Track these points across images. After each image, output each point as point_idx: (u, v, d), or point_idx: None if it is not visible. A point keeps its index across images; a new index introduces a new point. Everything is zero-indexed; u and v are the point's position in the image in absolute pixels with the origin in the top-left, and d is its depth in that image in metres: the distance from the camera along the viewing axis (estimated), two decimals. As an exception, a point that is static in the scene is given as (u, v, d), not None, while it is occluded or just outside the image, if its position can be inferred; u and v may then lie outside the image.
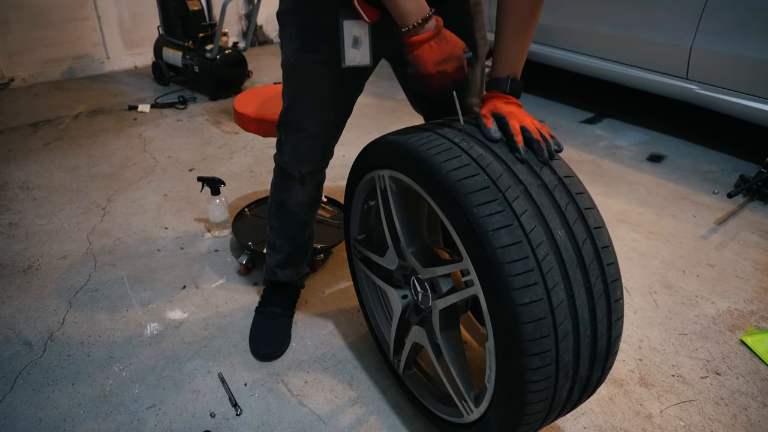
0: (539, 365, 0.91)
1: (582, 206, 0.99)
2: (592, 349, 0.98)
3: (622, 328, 1.02)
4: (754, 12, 2.43)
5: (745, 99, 2.57)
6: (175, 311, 1.77)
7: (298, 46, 1.26)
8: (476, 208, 0.91)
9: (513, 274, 0.88)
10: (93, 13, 4.01)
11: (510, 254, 0.89)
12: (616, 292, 0.98)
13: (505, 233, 0.90)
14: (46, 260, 2.00)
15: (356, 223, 1.47)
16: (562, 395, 0.99)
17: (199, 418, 1.40)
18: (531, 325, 0.89)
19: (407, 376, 1.41)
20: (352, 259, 1.56)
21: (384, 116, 3.40)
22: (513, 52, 1.11)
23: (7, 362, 1.56)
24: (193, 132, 3.14)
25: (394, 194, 1.22)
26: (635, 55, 2.97)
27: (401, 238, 1.22)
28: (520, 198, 0.94)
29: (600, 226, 1.00)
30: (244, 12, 4.88)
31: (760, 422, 1.42)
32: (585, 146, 3.04)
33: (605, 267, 0.97)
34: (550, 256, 0.91)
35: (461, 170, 0.96)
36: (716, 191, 2.56)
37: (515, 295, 0.88)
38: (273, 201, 1.56)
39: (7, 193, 2.45)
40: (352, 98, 1.38)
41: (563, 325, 0.92)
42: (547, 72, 3.88)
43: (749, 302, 1.85)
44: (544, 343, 0.90)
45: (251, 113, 1.84)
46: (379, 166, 1.23)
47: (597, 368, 1.01)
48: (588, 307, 0.95)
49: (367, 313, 1.57)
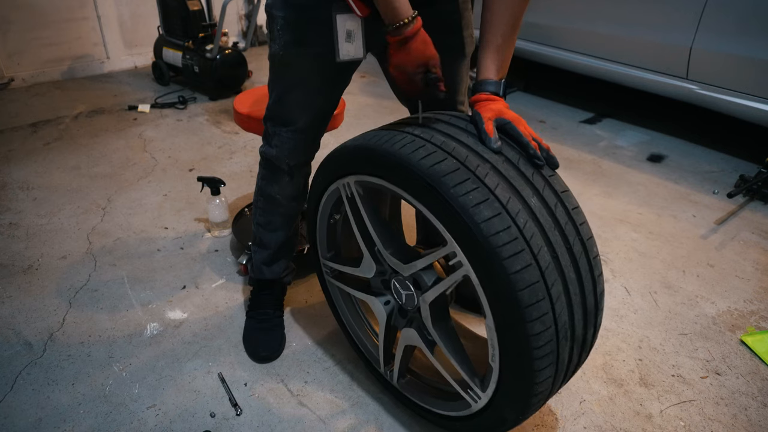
0: (540, 329, 0.93)
1: (546, 174, 1.04)
2: (584, 307, 1.02)
3: (603, 284, 1.07)
4: (754, 12, 2.43)
5: (745, 99, 2.57)
6: (175, 311, 1.77)
7: (288, 40, 1.27)
8: (453, 189, 0.95)
9: (500, 245, 0.91)
10: (93, 13, 4.01)
11: (493, 226, 0.92)
12: (593, 249, 1.04)
13: (484, 207, 0.93)
14: (46, 260, 2.00)
15: (323, 241, 1.46)
16: (564, 357, 1.01)
17: (199, 418, 1.40)
18: (526, 291, 0.92)
19: (403, 384, 1.39)
20: (324, 280, 1.54)
21: (384, 116, 3.40)
22: (504, 54, 1.12)
23: (7, 362, 1.56)
24: (193, 132, 3.14)
25: (362, 199, 1.23)
26: (635, 55, 2.97)
27: (377, 241, 1.23)
28: (490, 174, 0.98)
29: (566, 190, 1.05)
30: (244, 12, 4.88)
31: (760, 422, 1.42)
32: (585, 146, 3.04)
33: (579, 226, 1.02)
34: (530, 222, 0.95)
35: (429, 157, 1.00)
36: (716, 191, 2.56)
37: (506, 264, 0.91)
38: (261, 196, 1.56)
39: (7, 193, 2.45)
40: (339, 91, 1.39)
41: (554, 286, 0.95)
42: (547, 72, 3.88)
43: (749, 302, 1.85)
44: (541, 307, 0.93)
45: (251, 113, 1.83)
46: (342, 175, 1.24)
47: (590, 326, 1.05)
48: (572, 267, 0.99)
49: (349, 333, 1.54)
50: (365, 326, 1.52)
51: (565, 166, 2.80)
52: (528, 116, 3.47)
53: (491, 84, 1.12)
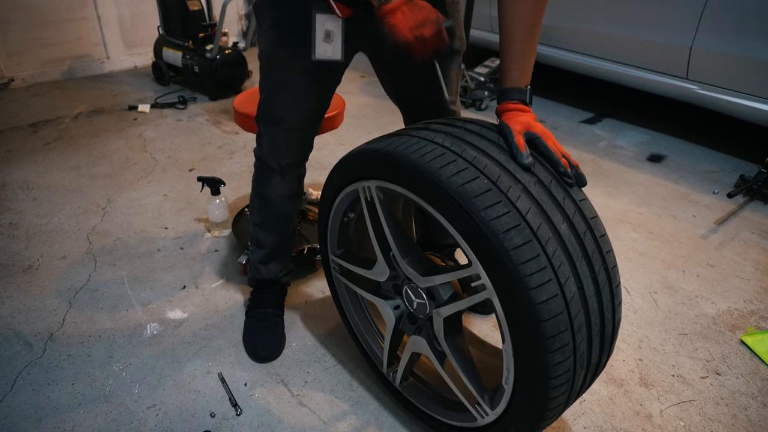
0: (560, 360, 0.92)
1: (577, 198, 1.01)
2: (602, 336, 1.00)
3: (621, 312, 1.05)
4: (754, 12, 2.43)
5: (745, 99, 2.57)
6: (175, 311, 1.77)
7: (275, 40, 1.27)
8: (483, 212, 0.91)
9: (528, 274, 0.88)
10: (93, 13, 4.01)
11: (523, 254, 0.89)
12: (616, 277, 1.01)
13: (515, 234, 0.90)
14: (46, 260, 2.00)
15: (334, 238, 1.43)
16: (578, 384, 1.00)
17: (199, 418, 1.40)
18: (550, 322, 0.89)
19: (405, 387, 1.38)
20: (331, 276, 1.52)
21: (384, 116, 3.40)
22: (526, 58, 1.08)
23: (7, 362, 1.56)
24: (193, 132, 3.14)
25: (382, 204, 1.19)
26: (635, 55, 2.97)
27: (394, 248, 1.20)
28: (522, 197, 0.94)
29: (595, 216, 1.02)
30: (244, 12, 4.88)
31: (760, 422, 1.42)
32: (585, 146, 3.04)
33: (605, 255, 0.99)
34: (559, 251, 0.92)
35: (460, 175, 0.95)
36: (716, 191, 2.56)
37: (533, 294, 0.88)
38: (255, 195, 1.56)
39: (7, 193, 2.45)
40: (329, 91, 1.39)
41: (578, 317, 0.93)
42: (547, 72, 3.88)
43: (749, 302, 1.85)
44: (563, 338, 0.91)
45: (251, 113, 1.83)
46: (363, 177, 1.20)
47: (605, 353, 1.04)
48: (596, 297, 0.97)
49: (353, 330, 1.53)
50: (371, 326, 1.52)
51: (565, 166, 2.80)
52: (528, 116, 3.46)
53: (517, 92, 1.08)
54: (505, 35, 1.08)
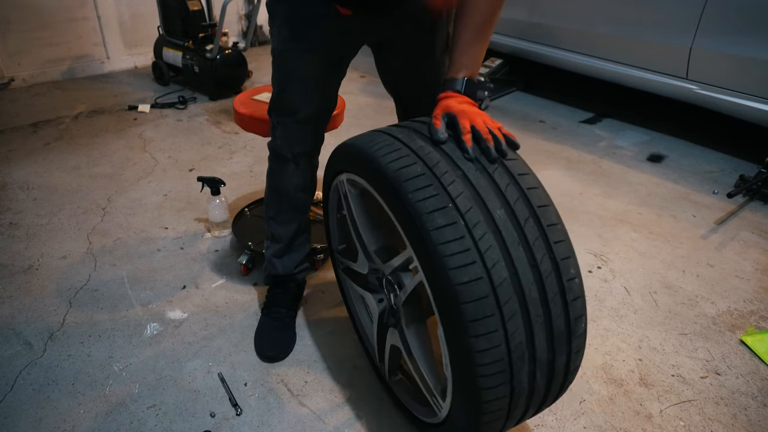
0: (486, 346, 0.90)
1: (524, 186, 1.00)
2: (548, 330, 0.96)
3: (584, 308, 0.99)
4: (754, 12, 2.43)
5: (745, 99, 2.57)
6: (175, 311, 1.77)
7: (286, 35, 1.33)
8: (411, 194, 0.95)
9: (448, 254, 0.90)
10: (93, 13, 4.01)
11: (444, 235, 0.91)
12: (568, 270, 0.97)
13: (439, 215, 0.92)
14: (46, 260, 2.00)
15: (335, 233, 1.50)
16: (522, 380, 0.96)
17: (199, 418, 1.40)
18: (472, 304, 0.89)
19: (393, 382, 1.40)
20: (338, 272, 1.58)
21: (384, 116, 3.40)
22: (472, 53, 1.13)
23: (7, 362, 1.56)
24: (193, 132, 3.14)
25: (353, 197, 1.25)
26: (635, 55, 2.97)
27: (364, 239, 1.25)
28: (456, 182, 0.96)
29: (545, 204, 0.99)
30: (244, 12, 4.87)
31: (760, 422, 1.42)
32: (585, 146, 3.04)
33: (552, 245, 0.96)
34: (488, 235, 0.92)
35: (400, 161, 1.00)
36: (716, 191, 2.56)
37: (452, 274, 0.89)
38: (270, 189, 1.62)
39: (7, 193, 2.45)
40: (337, 82, 1.46)
41: (508, 304, 0.91)
42: (547, 72, 3.88)
43: (749, 302, 1.85)
44: (488, 323, 0.89)
45: (251, 113, 1.83)
46: (339, 171, 1.28)
47: (560, 352, 0.98)
48: (536, 286, 0.94)
49: (356, 325, 1.58)
50: (370, 320, 1.54)
51: (565, 166, 2.81)
52: (528, 116, 3.47)
53: (452, 82, 1.14)
54: (457, 28, 1.14)
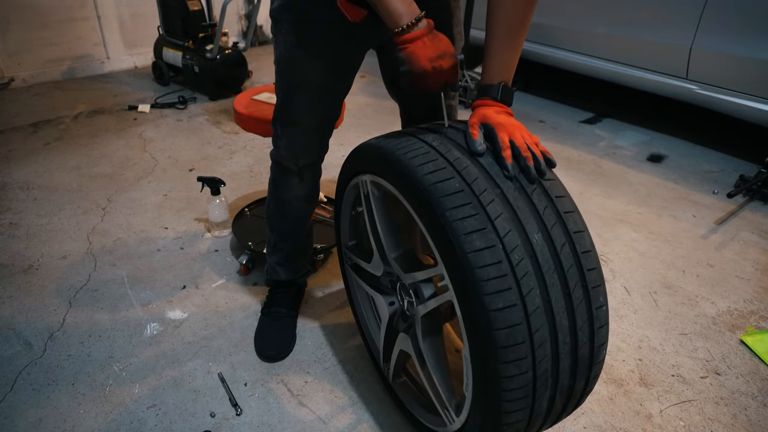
0: (515, 373, 0.89)
1: (561, 210, 0.96)
2: (573, 357, 0.94)
3: (606, 336, 0.98)
4: (754, 12, 2.43)
5: (745, 99, 2.57)
6: (175, 311, 1.77)
7: (293, 42, 1.29)
8: (449, 212, 0.90)
9: (485, 279, 0.86)
10: (93, 13, 4.01)
11: (482, 258, 0.87)
12: (598, 298, 0.95)
13: (477, 237, 0.88)
14: (46, 260, 2.00)
15: (346, 229, 1.47)
16: (542, 405, 0.95)
17: (199, 418, 1.40)
18: (505, 331, 0.86)
19: (396, 384, 1.39)
20: (344, 267, 1.56)
21: (384, 116, 3.40)
22: (505, 57, 1.09)
23: (7, 362, 1.56)
24: (193, 132, 3.14)
25: (376, 199, 1.21)
26: (635, 55, 2.97)
27: (384, 243, 1.22)
28: (495, 201, 0.92)
29: (581, 231, 0.96)
30: (244, 12, 4.88)
31: (760, 422, 1.42)
32: (585, 146, 3.04)
33: (585, 272, 0.94)
34: (525, 260, 0.89)
35: (436, 173, 0.95)
36: (716, 191, 2.56)
37: (487, 300, 0.86)
38: (272, 199, 1.58)
39: (7, 193, 2.45)
40: (344, 91, 1.41)
41: (539, 331, 0.89)
42: (547, 72, 3.88)
43: (749, 302, 1.85)
44: (519, 350, 0.87)
45: (251, 113, 1.84)
46: (361, 171, 1.23)
47: (580, 377, 0.97)
48: (567, 314, 0.92)
49: (359, 321, 1.57)
50: (375, 318, 1.54)
51: (565, 166, 2.80)
52: (528, 116, 3.47)
53: (487, 89, 1.09)
54: (488, 33, 1.09)
